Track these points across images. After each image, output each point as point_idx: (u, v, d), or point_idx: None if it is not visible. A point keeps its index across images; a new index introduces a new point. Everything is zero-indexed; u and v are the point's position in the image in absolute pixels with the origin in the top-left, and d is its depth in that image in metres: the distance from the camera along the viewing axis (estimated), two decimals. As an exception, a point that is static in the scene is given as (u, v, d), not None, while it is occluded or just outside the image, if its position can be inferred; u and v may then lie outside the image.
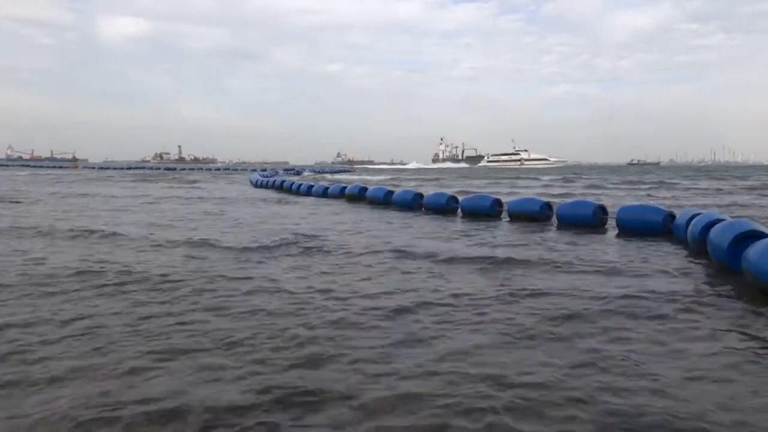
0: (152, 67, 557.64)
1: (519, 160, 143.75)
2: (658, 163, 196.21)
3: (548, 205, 13.53)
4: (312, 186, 24.61)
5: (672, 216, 10.86)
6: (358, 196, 19.97)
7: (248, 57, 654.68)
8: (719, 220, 8.05)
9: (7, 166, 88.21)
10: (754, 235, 6.51)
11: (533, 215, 13.25)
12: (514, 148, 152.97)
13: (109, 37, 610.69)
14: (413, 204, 16.64)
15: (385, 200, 18.24)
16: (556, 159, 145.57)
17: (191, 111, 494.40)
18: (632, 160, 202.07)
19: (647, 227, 10.83)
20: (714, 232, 7.43)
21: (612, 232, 11.42)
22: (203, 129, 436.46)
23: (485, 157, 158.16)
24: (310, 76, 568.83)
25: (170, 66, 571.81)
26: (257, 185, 33.48)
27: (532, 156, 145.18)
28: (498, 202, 14.58)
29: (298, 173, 54.91)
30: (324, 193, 22.56)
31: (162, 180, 45.24)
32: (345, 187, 21.64)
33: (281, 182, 29.76)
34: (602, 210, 12.23)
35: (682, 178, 50.97)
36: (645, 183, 39.18)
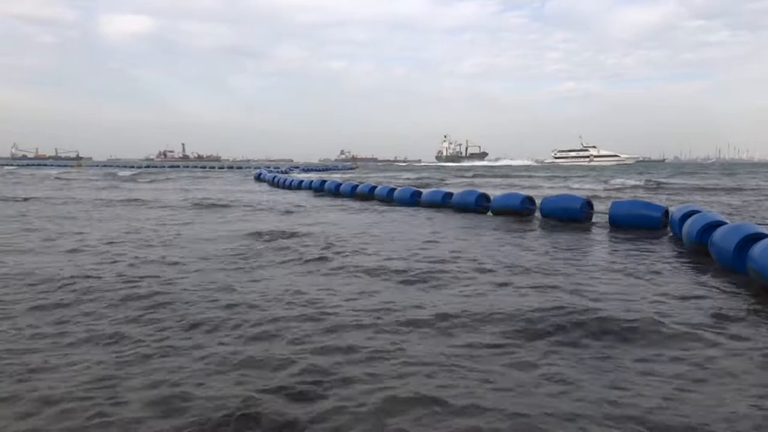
0: (155, 64, 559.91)
1: (588, 157, 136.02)
2: (663, 160, 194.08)
3: (530, 200, 13.27)
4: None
5: (666, 212, 10.78)
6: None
7: (251, 55, 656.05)
8: (720, 222, 7.82)
9: (11, 165, 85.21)
10: (758, 238, 6.38)
11: (515, 210, 12.98)
12: (582, 144, 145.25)
13: (112, 34, 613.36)
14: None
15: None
16: (628, 156, 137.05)
17: (195, 109, 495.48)
18: (638, 157, 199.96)
19: (643, 223, 10.65)
20: (718, 235, 7.22)
21: (600, 226, 10.91)
22: (207, 127, 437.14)
23: (498, 155, 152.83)
24: (313, 74, 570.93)
25: (173, 64, 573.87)
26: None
27: (602, 152, 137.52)
28: (485, 197, 14.26)
29: (286, 172, 52.86)
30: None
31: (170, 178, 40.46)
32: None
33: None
34: (589, 204, 12.04)
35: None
36: None
